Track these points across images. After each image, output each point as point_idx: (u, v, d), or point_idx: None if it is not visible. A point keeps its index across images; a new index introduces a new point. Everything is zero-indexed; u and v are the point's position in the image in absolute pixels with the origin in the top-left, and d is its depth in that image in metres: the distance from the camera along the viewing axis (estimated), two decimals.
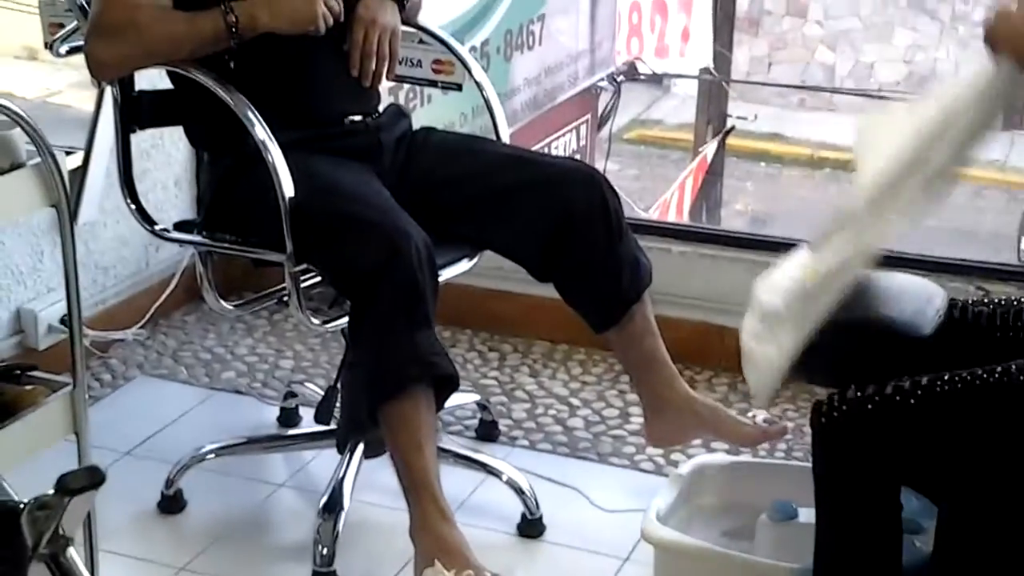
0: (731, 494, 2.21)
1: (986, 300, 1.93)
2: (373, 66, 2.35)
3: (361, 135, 2.41)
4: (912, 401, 1.72)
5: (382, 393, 2.15)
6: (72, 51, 2.62)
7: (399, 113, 2.53)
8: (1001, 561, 1.72)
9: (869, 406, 1.74)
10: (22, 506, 0.93)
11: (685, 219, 4.46)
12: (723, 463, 2.31)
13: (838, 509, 1.81)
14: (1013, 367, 1.71)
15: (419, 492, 2.13)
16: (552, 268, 2.36)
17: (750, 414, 2.55)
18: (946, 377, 1.73)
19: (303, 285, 2.29)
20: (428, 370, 2.14)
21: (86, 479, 0.93)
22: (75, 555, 0.99)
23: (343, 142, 2.39)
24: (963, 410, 1.72)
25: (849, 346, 1.85)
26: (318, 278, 2.34)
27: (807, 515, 2.00)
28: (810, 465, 2.00)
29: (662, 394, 2.39)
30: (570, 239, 2.30)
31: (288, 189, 2.18)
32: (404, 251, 2.12)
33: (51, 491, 0.93)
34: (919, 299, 1.94)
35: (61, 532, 0.97)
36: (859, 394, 1.75)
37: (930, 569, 1.79)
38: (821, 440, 1.78)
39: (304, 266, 2.25)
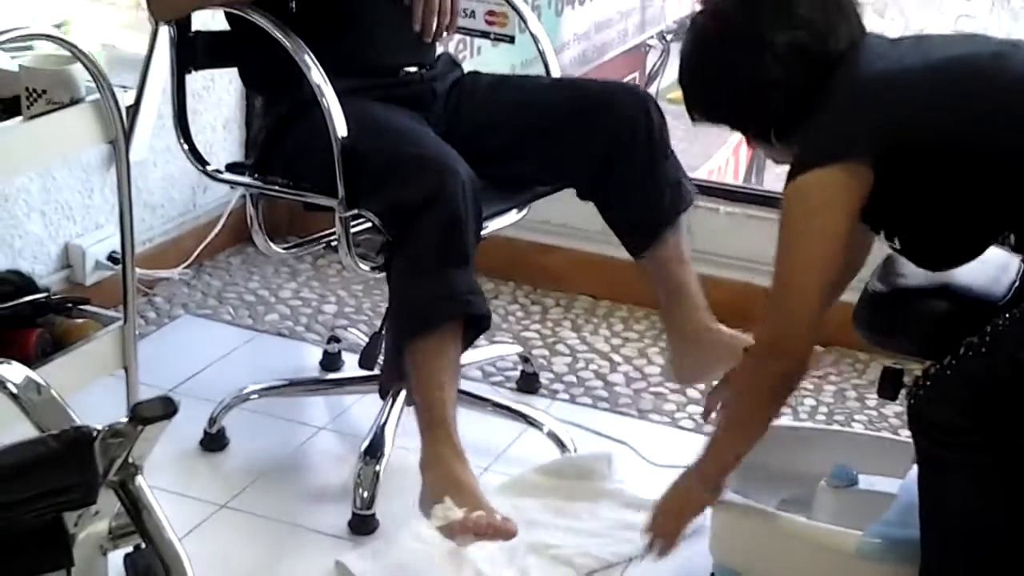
0: (785, 459, 2.18)
1: None
2: (436, 21, 2.35)
3: (415, 85, 2.41)
4: (984, 349, 1.72)
5: (412, 328, 2.15)
6: None
7: (451, 63, 2.53)
8: None
9: (948, 372, 1.74)
10: (96, 433, 0.95)
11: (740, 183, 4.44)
12: (777, 427, 2.29)
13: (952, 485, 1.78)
14: None
15: (435, 428, 2.14)
16: (596, 186, 2.35)
17: None
18: (1006, 315, 1.73)
19: (352, 231, 2.30)
20: (461, 308, 2.13)
21: (160, 409, 0.94)
22: (143, 483, 1.00)
23: (397, 91, 2.39)
24: None
25: (927, 314, 1.86)
26: (367, 224, 2.34)
27: (867, 482, 2.02)
28: (867, 432, 1.98)
29: (684, 327, 2.36)
30: (615, 156, 2.29)
31: (341, 131, 2.19)
32: (449, 187, 2.11)
33: (124, 419, 0.95)
34: (994, 267, 1.94)
35: (131, 460, 0.99)
36: (938, 366, 1.75)
37: None
38: (917, 420, 1.77)
39: (355, 211, 2.26)
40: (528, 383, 2.78)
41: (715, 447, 1.93)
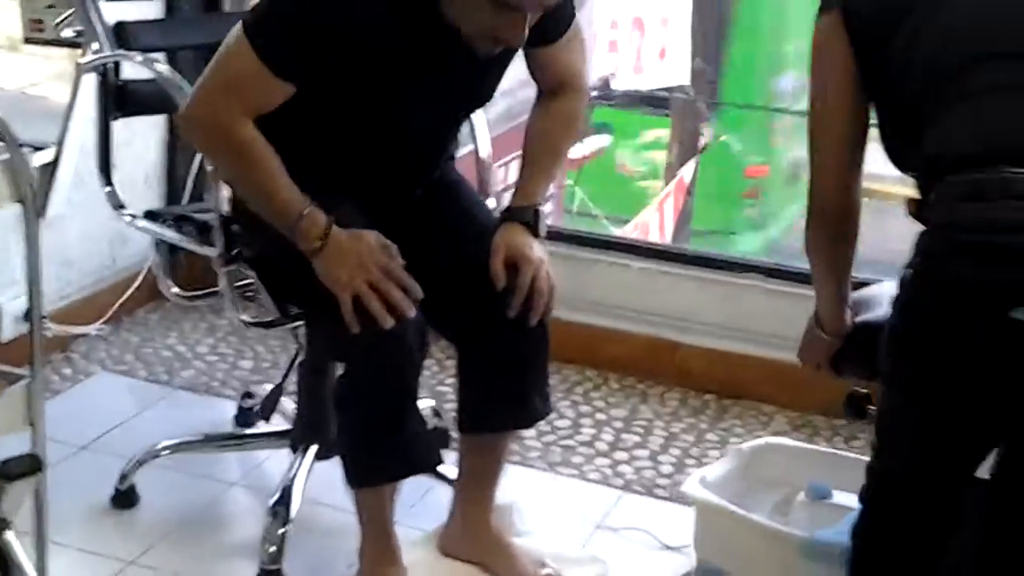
0: (784, 470, 2.43)
1: None
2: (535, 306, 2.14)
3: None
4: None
5: (369, 478, 2.17)
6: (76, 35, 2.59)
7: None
8: None
9: None
10: None
11: (668, 241, 4.48)
12: (781, 446, 2.51)
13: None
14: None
15: (375, 529, 2.19)
16: (472, 346, 2.25)
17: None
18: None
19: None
20: (417, 467, 2.21)
21: (26, 465, 0.96)
22: (13, 538, 1.02)
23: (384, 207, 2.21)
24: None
25: (862, 345, 1.99)
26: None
27: (840, 497, 2.26)
28: (849, 454, 2.34)
29: (474, 515, 2.32)
30: (503, 339, 2.19)
31: (223, 204, 2.20)
32: (397, 362, 2.06)
33: None
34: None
35: (0, 515, 1.00)
36: None
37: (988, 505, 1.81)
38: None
39: (235, 267, 2.25)
40: (440, 437, 2.79)
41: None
